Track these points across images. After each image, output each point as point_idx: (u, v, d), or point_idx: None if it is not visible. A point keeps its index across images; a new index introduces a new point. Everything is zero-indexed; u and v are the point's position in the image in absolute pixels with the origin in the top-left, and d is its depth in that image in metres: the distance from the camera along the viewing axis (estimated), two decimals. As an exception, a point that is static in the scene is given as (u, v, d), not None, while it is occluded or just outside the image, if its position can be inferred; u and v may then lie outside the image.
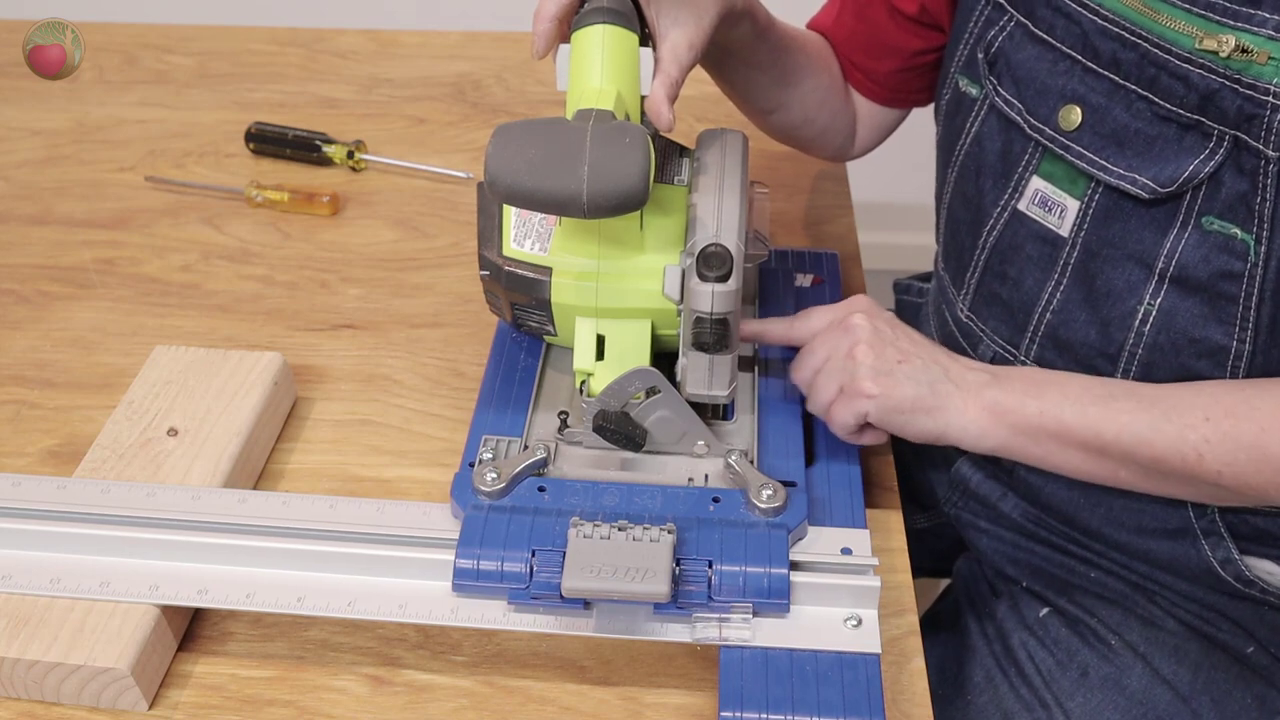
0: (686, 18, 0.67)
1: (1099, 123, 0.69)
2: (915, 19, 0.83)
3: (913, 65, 0.86)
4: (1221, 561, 0.76)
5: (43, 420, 0.80)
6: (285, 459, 0.77)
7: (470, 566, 0.63)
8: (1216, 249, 0.66)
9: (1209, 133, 0.64)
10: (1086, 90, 0.69)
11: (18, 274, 0.93)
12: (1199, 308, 0.68)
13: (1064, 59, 0.70)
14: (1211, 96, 0.63)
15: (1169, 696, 0.78)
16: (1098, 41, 0.68)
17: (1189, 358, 0.70)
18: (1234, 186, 0.64)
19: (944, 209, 0.83)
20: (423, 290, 0.91)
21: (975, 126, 0.77)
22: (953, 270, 0.82)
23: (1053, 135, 0.71)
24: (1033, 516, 0.83)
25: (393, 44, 1.23)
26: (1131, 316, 0.71)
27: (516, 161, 0.60)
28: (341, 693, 0.64)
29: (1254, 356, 0.68)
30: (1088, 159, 0.69)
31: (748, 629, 0.62)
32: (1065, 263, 0.72)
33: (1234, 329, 0.68)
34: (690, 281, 0.64)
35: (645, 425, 0.69)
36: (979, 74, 0.75)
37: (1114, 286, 0.71)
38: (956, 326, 0.82)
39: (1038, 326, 0.75)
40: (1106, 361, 0.73)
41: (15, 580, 0.64)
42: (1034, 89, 0.72)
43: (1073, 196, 0.71)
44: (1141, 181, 0.67)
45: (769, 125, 0.89)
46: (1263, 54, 0.61)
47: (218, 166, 1.06)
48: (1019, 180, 0.74)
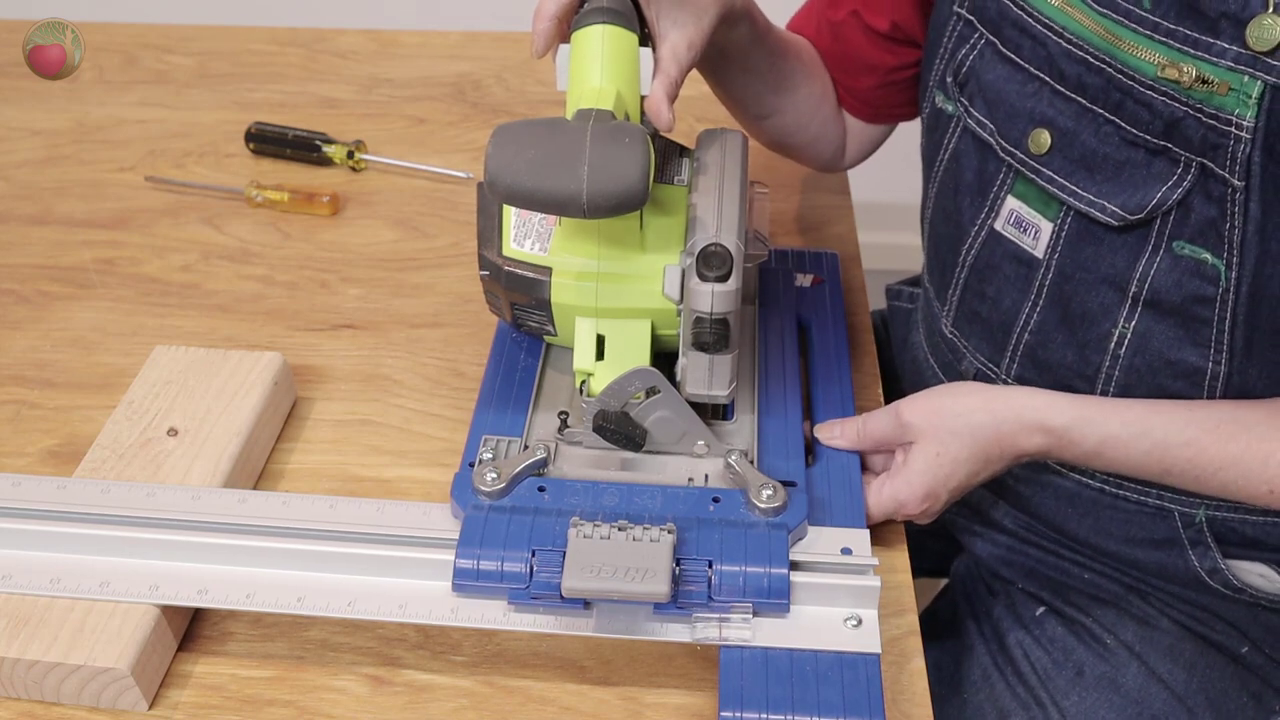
0: (686, 18, 0.67)
1: (1068, 147, 0.68)
2: (888, 35, 0.83)
3: (891, 81, 0.86)
4: (1209, 571, 0.76)
5: (43, 420, 0.80)
6: (285, 459, 0.77)
7: (470, 566, 0.63)
8: (1188, 273, 0.66)
9: (1176, 159, 0.64)
10: (1055, 113, 0.68)
11: (18, 274, 0.93)
12: (1173, 331, 0.68)
13: (1032, 80, 0.69)
14: (1176, 124, 0.63)
15: (1164, 695, 0.78)
16: (1063, 64, 0.67)
17: (1165, 379, 0.70)
18: (1203, 212, 0.64)
19: (927, 223, 0.83)
20: (423, 290, 0.91)
21: (952, 143, 0.77)
22: (936, 284, 0.82)
23: (1023, 159, 0.71)
24: (1024, 523, 0.84)
25: (393, 44, 1.23)
26: (1107, 339, 0.71)
27: (516, 161, 0.60)
28: (341, 693, 0.64)
29: (1230, 377, 0.69)
30: (1058, 183, 0.69)
31: (748, 629, 0.62)
32: (1041, 284, 0.72)
33: (1209, 351, 0.68)
34: (690, 281, 0.64)
35: (645, 425, 0.69)
36: (951, 93, 0.75)
37: (1089, 309, 0.71)
38: (942, 340, 0.83)
39: (1016, 346, 0.75)
40: (1084, 382, 0.73)
41: (15, 580, 0.64)
42: (1004, 111, 0.71)
43: (1046, 218, 0.71)
44: (1110, 209, 0.67)
45: (762, 131, 0.89)
46: (1223, 85, 0.60)
47: (218, 166, 1.06)
48: (994, 199, 0.74)
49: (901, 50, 0.84)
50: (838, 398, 0.77)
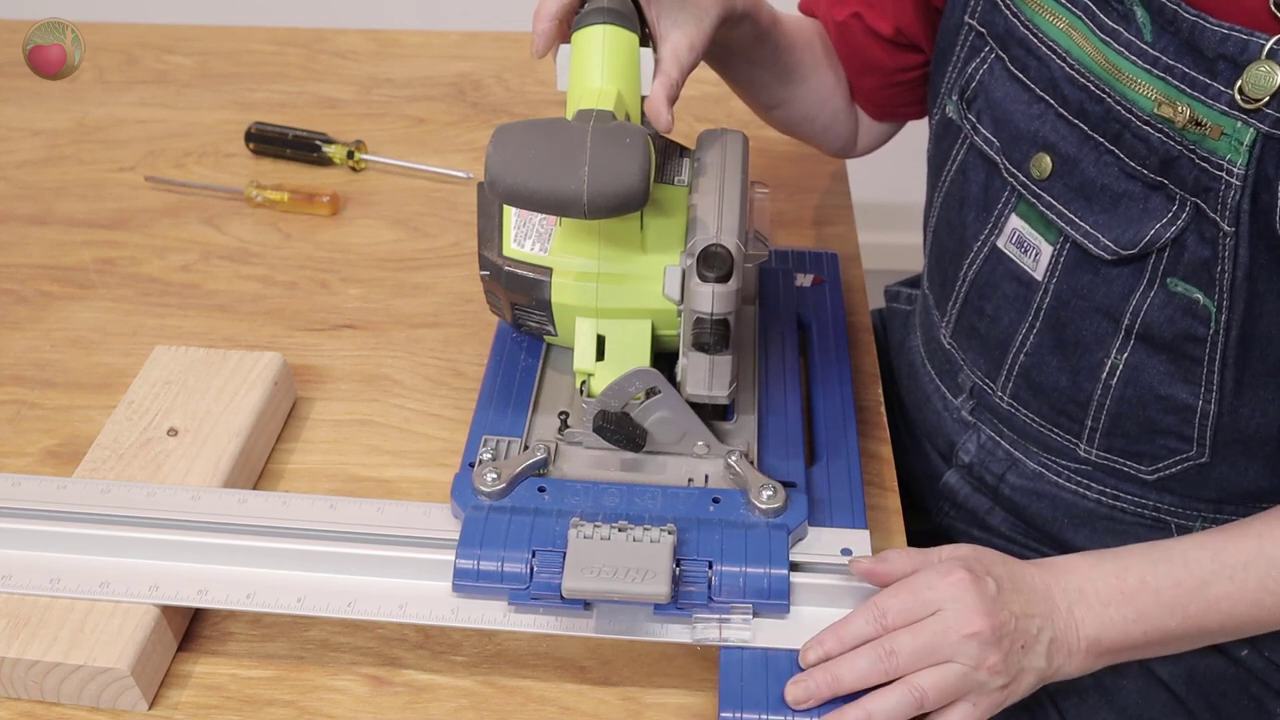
0: (687, 19, 0.67)
1: (1068, 174, 0.68)
2: (892, 40, 0.83)
3: (895, 82, 0.86)
4: None
5: (43, 420, 0.80)
6: (285, 459, 0.77)
7: (470, 567, 0.63)
8: (1181, 311, 0.66)
9: (1172, 196, 0.63)
10: (1058, 138, 0.68)
11: (18, 274, 0.93)
12: (1165, 366, 0.68)
13: (1038, 101, 0.69)
14: (1172, 162, 0.62)
15: (1165, 698, 0.78)
16: (1066, 89, 0.67)
17: (1156, 413, 0.70)
18: (1197, 252, 0.64)
19: (930, 231, 0.83)
20: (423, 290, 0.91)
21: (960, 155, 0.76)
22: (937, 294, 0.82)
23: (1025, 181, 0.70)
24: (1020, 529, 0.84)
25: (393, 44, 1.23)
26: (1099, 369, 0.71)
27: (517, 162, 0.60)
28: (341, 693, 0.64)
29: (1220, 417, 0.68)
30: (1056, 210, 0.69)
31: (748, 629, 0.62)
32: (1039, 306, 0.72)
33: (1199, 389, 0.68)
34: (690, 282, 0.64)
35: (645, 425, 0.69)
36: (959, 109, 0.75)
37: (1083, 337, 0.71)
38: (940, 349, 0.83)
39: (1012, 366, 0.75)
40: (1078, 408, 0.73)
41: (15, 580, 0.64)
42: (1010, 131, 0.71)
43: (1047, 241, 0.71)
44: (1104, 242, 0.67)
45: (771, 119, 0.89)
46: (1215, 129, 0.60)
47: (218, 166, 1.06)
48: (999, 217, 0.74)
49: (904, 54, 0.83)
50: (838, 398, 0.77)
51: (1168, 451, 0.72)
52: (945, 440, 0.86)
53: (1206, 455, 0.71)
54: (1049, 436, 0.77)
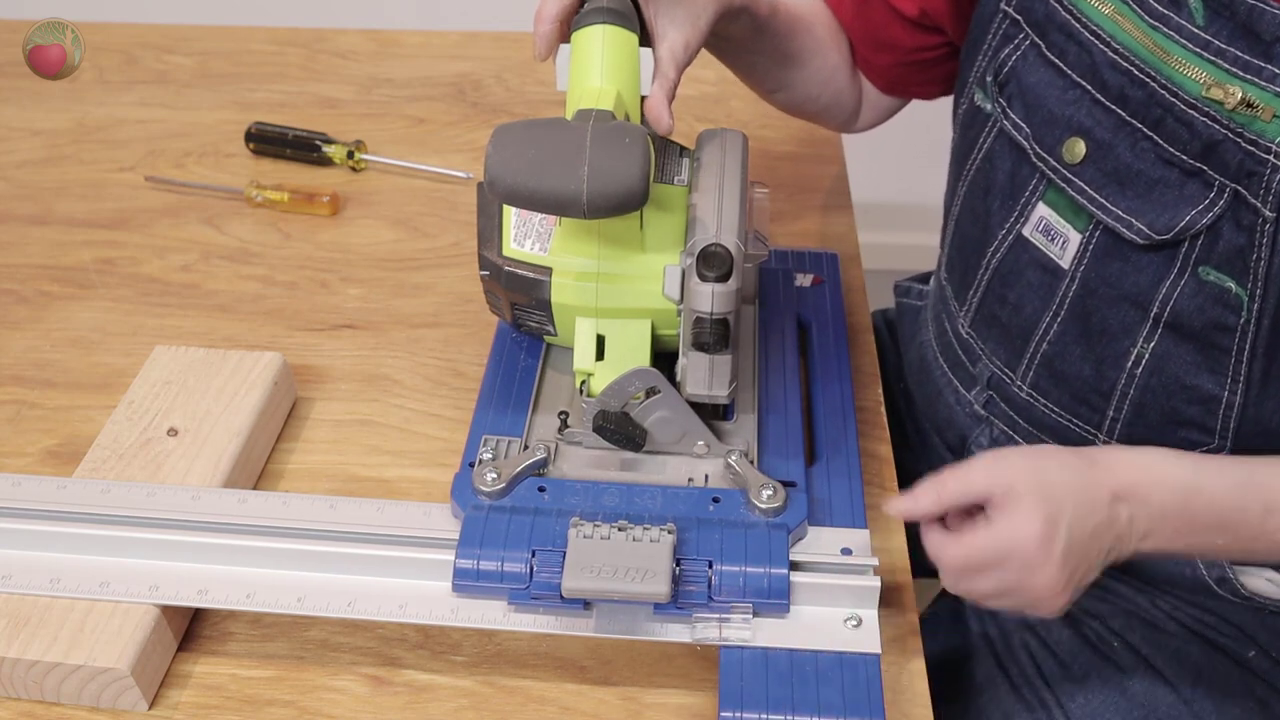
0: (684, 18, 0.67)
1: (1102, 159, 0.68)
2: (915, 21, 0.83)
3: (911, 61, 0.86)
4: (1217, 580, 0.76)
5: (43, 420, 0.80)
6: (285, 459, 0.77)
7: (470, 567, 0.63)
8: (1211, 300, 0.66)
9: (1210, 182, 0.63)
10: (1093, 124, 0.68)
11: (18, 274, 0.93)
12: (1192, 355, 0.68)
13: (1074, 87, 0.69)
14: (1214, 147, 0.62)
15: (1171, 699, 0.78)
16: (1107, 74, 0.67)
17: (1180, 403, 0.70)
18: (1232, 240, 0.64)
19: (952, 220, 0.83)
20: (423, 290, 0.91)
21: (987, 143, 0.76)
22: (956, 284, 0.82)
23: (1055, 166, 0.70)
24: None
25: (393, 44, 1.23)
26: (1125, 358, 0.70)
27: (516, 161, 0.60)
28: (341, 693, 0.64)
29: (1245, 409, 0.68)
30: (1088, 195, 0.69)
31: (748, 629, 0.62)
32: (1064, 295, 0.72)
33: (1225, 379, 0.68)
34: (690, 281, 0.64)
35: (645, 425, 0.69)
36: (990, 92, 0.75)
37: (1109, 326, 0.70)
38: (957, 340, 0.82)
39: (1034, 355, 0.75)
40: (1100, 398, 0.73)
41: (15, 580, 0.64)
42: (1042, 116, 0.71)
43: (1075, 229, 0.70)
44: (1137, 226, 0.67)
45: (773, 102, 0.90)
46: (1268, 110, 0.60)
47: (218, 166, 1.06)
48: (1025, 204, 0.73)
49: (926, 35, 0.83)
50: (838, 398, 0.77)
51: (1188, 443, 0.72)
52: (957, 435, 0.85)
53: (1228, 447, 0.71)
54: (1067, 427, 0.76)
